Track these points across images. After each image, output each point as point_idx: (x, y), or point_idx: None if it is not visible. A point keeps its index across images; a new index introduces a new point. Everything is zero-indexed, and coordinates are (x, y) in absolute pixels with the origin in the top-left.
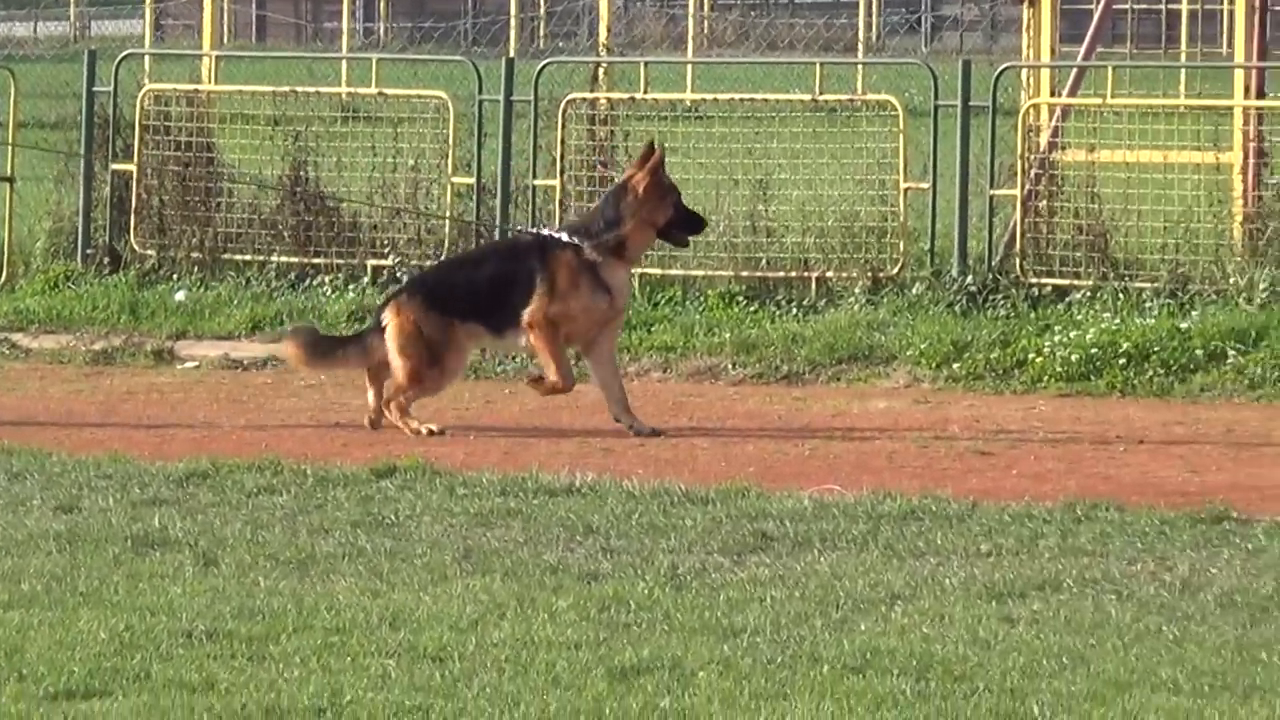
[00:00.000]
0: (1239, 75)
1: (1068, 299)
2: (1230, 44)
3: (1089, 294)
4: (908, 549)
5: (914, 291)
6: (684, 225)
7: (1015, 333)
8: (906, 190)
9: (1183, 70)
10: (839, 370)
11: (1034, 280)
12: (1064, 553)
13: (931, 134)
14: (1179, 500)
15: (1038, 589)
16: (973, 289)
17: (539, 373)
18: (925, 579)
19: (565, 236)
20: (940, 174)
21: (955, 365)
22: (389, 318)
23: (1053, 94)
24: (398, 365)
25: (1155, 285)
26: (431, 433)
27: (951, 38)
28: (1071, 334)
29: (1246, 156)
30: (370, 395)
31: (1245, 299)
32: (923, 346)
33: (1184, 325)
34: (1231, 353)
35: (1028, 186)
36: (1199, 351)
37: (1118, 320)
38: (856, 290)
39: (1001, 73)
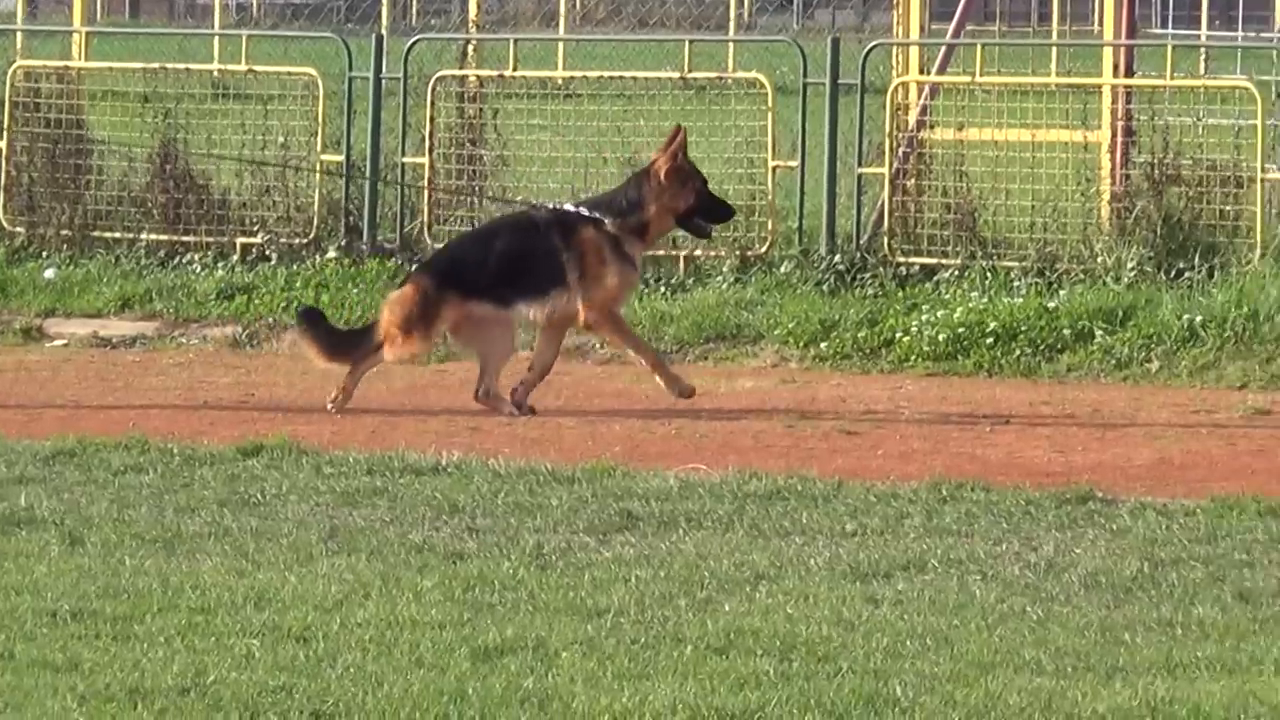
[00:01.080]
0: (1108, 54)
1: (935, 278)
2: (1101, 22)
3: (957, 273)
4: (773, 529)
5: (782, 270)
6: (707, 213)
7: (883, 312)
8: (775, 169)
9: (1053, 49)
10: (707, 349)
11: (902, 259)
12: (929, 533)
13: (800, 112)
14: (1045, 480)
15: (902, 569)
16: (841, 268)
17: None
18: (790, 559)
19: (586, 211)
20: (809, 152)
21: (823, 345)
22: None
23: (921, 72)
24: (384, 320)
25: (1023, 264)
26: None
27: (824, 15)
28: (939, 313)
29: (1115, 135)
30: (348, 382)
31: (1113, 278)
32: (790, 326)
33: (1051, 305)
34: (1099, 332)
35: (896, 165)
36: (1066, 331)
37: (985, 299)
38: (725, 269)
39: (870, 51)
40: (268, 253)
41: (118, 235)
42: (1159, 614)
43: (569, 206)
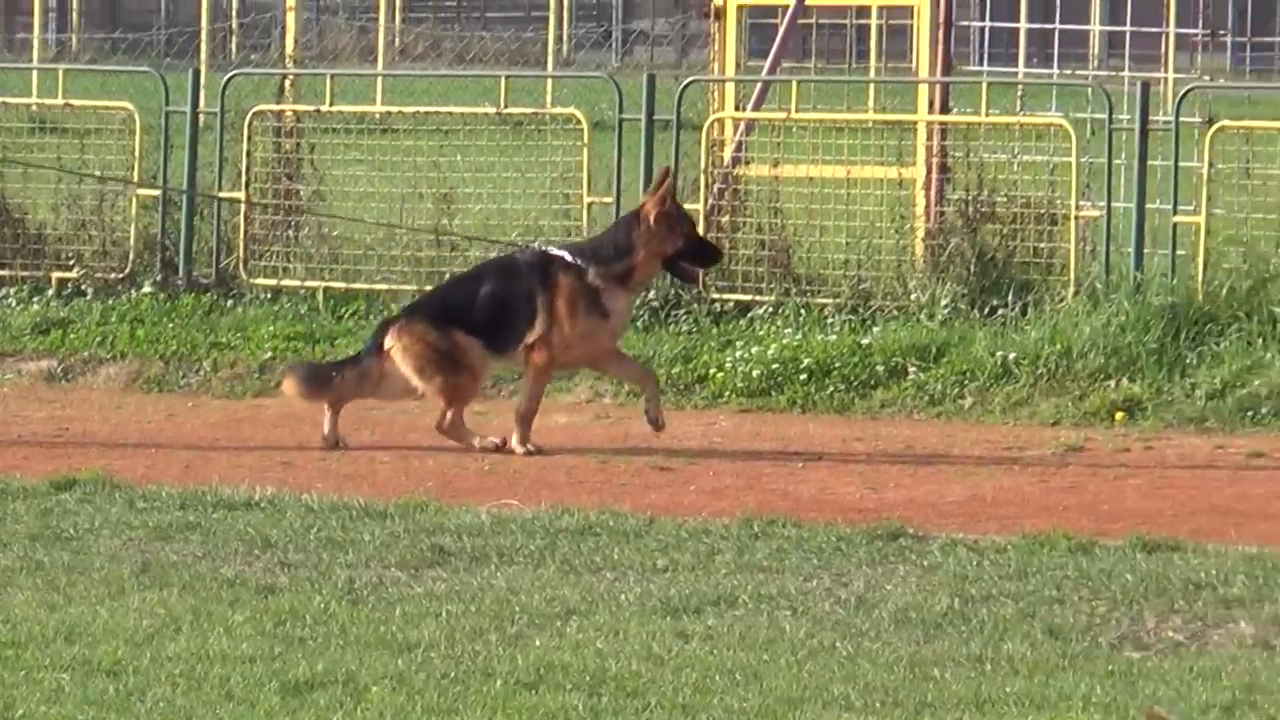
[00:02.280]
0: (924, 90)
1: (750, 314)
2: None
3: (771, 309)
4: (584, 564)
5: None
6: (695, 256)
7: (697, 348)
8: (590, 204)
9: (870, 85)
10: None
11: (716, 295)
12: (740, 568)
13: (616, 148)
14: (856, 516)
15: (713, 604)
16: (655, 304)
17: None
18: (601, 594)
19: (569, 257)
20: (625, 188)
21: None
22: (391, 341)
23: (737, 108)
24: (426, 386)
25: (837, 301)
26: (497, 447)
27: (642, 52)
28: (753, 350)
29: (930, 172)
30: (326, 422)
31: (927, 315)
32: None
33: (865, 341)
34: (912, 369)
35: (711, 201)
36: (880, 367)
37: (799, 336)
38: None
39: (686, 87)
40: (83, 287)
41: None
42: (968, 650)
43: (554, 250)
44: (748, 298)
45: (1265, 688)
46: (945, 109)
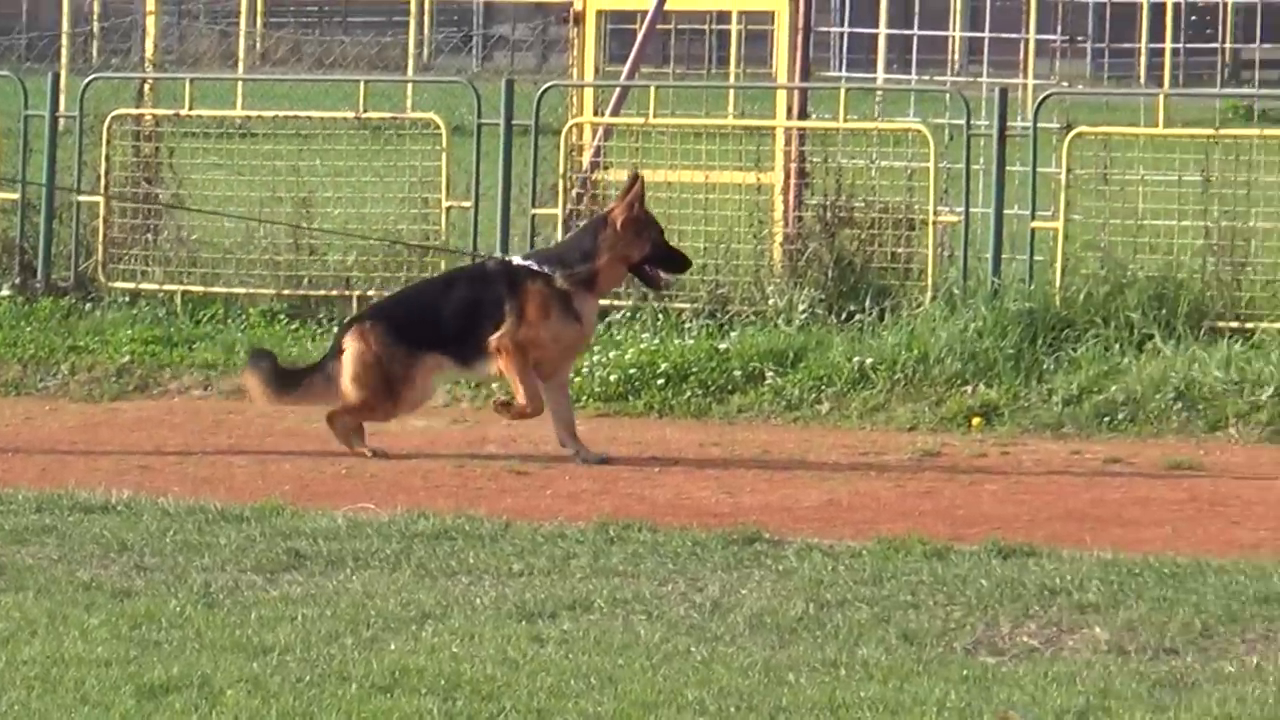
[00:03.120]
0: (782, 96)
1: (607, 319)
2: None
3: (629, 314)
4: (440, 568)
5: None
6: (663, 262)
7: None
8: (449, 209)
9: (730, 91)
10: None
11: None
12: (596, 573)
13: (475, 153)
14: (712, 521)
15: (568, 609)
16: None
17: (506, 398)
18: (456, 598)
19: (535, 265)
20: (483, 193)
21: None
22: (350, 343)
23: (596, 113)
24: (349, 390)
25: (695, 306)
26: (375, 454)
27: (503, 57)
28: (610, 354)
29: (788, 177)
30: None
31: (784, 320)
32: None
33: (723, 346)
34: (769, 374)
35: (570, 205)
36: (737, 372)
37: (657, 341)
38: None
39: (545, 92)
40: None
41: None
42: (823, 654)
43: (518, 260)
44: (605, 302)
45: (1119, 693)
46: (804, 114)
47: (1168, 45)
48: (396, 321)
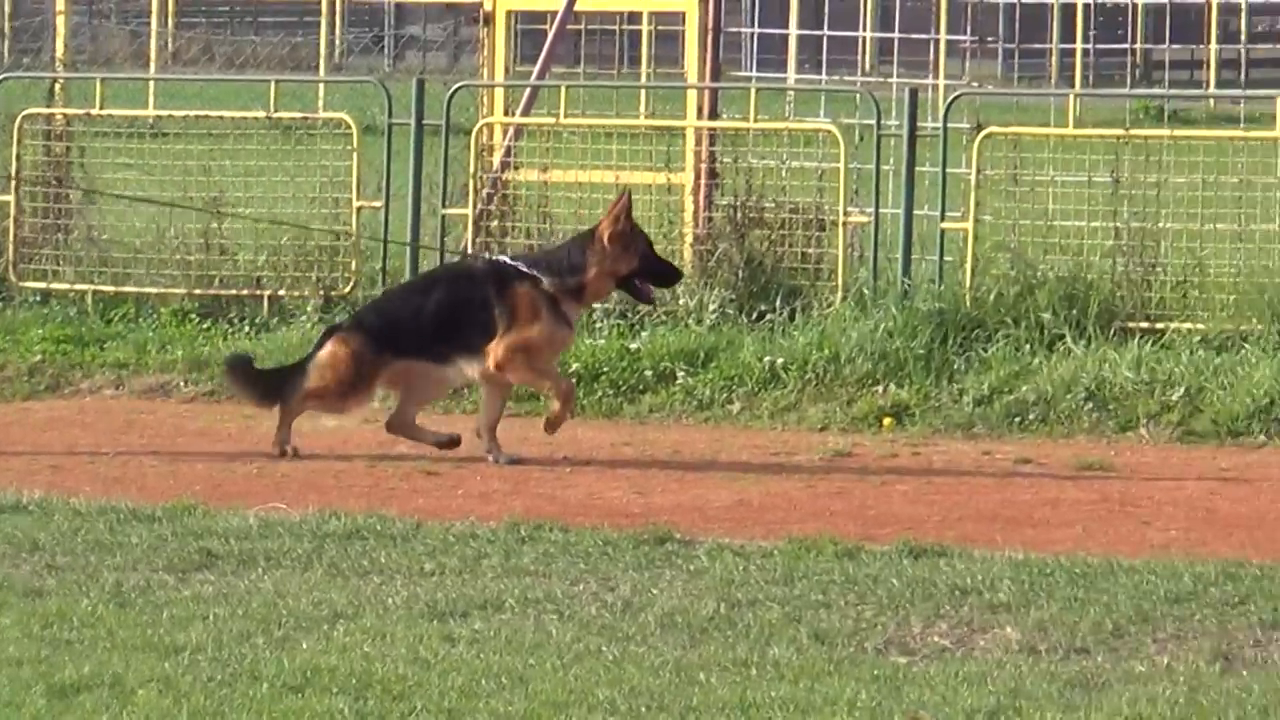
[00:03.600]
0: (692, 96)
1: None
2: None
3: None
4: (352, 568)
5: None
6: (651, 276)
7: None
8: (360, 209)
9: (641, 91)
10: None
11: None
12: (507, 572)
13: (385, 153)
14: (624, 521)
15: (480, 608)
16: None
17: (548, 415)
18: (368, 597)
19: (523, 266)
20: (394, 193)
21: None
22: (331, 348)
23: (507, 113)
24: (310, 378)
25: (606, 306)
26: (294, 452)
27: (415, 57)
28: None
29: (698, 177)
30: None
31: (695, 320)
32: None
33: (634, 346)
34: (680, 373)
35: (480, 206)
36: (648, 372)
37: None
38: (309, 309)
39: (455, 92)
40: None
41: None
42: (735, 654)
43: (505, 259)
44: None
45: (1030, 693)
46: (714, 114)
47: (1078, 46)
48: (375, 330)
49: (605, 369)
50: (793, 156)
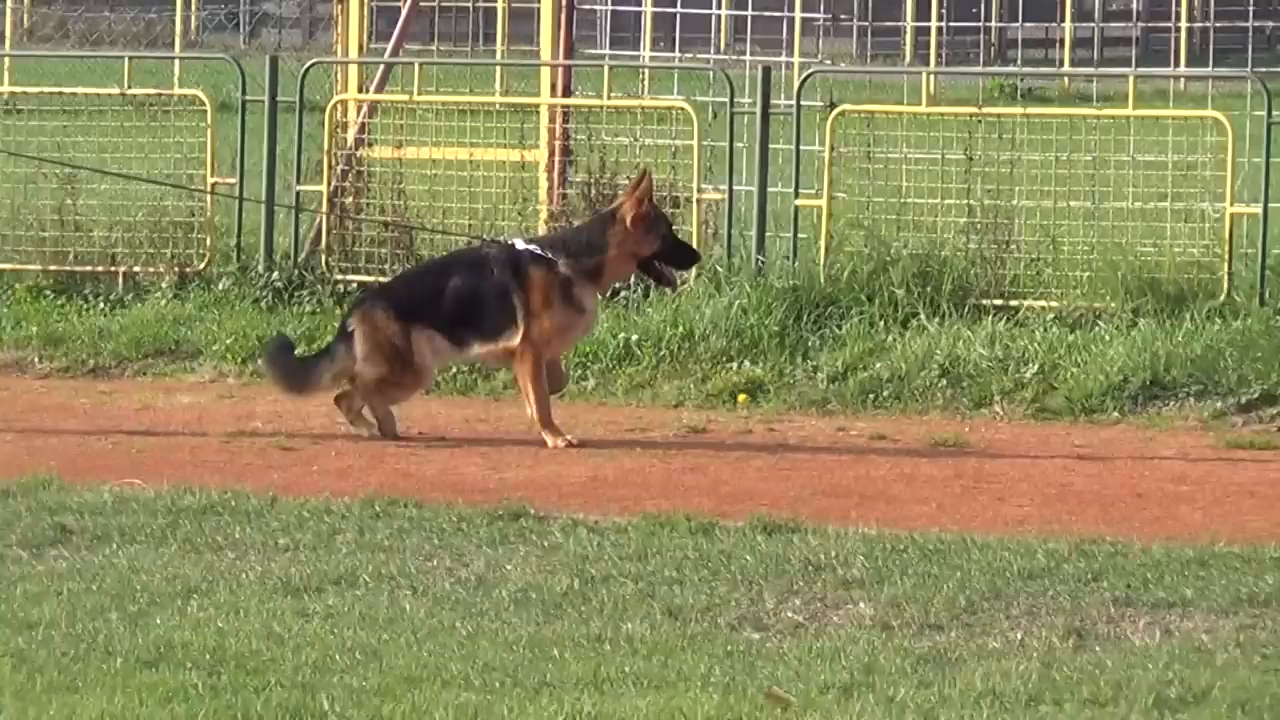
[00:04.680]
0: (546, 74)
1: None
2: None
3: None
4: (206, 543)
5: (220, 287)
6: (672, 259)
7: (321, 329)
8: (214, 185)
9: (497, 68)
10: (145, 365)
11: (340, 277)
12: (361, 548)
13: (240, 130)
14: (478, 497)
15: (334, 584)
16: (279, 285)
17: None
18: (223, 573)
19: (539, 250)
20: (249, 170)
21: (261, 361)
22: (355, 324)
23: (361, 90)
24: (366, 372)
25: None
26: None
27: (270, 34)
28: None
29: (552, 155)
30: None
31: None
32: (229, 342)
33: None
34: None
35: (334, 183)
36: None
37: None
38: (164, 285)
39: (309, 69)
40: None
41: None
42: (588, 630)
43: (520, 244)
44: (371, 279)
45: (883, 668)
46: (568, 92)
47: (933, 24)
48: (398, 302)
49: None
50: (647, 134)
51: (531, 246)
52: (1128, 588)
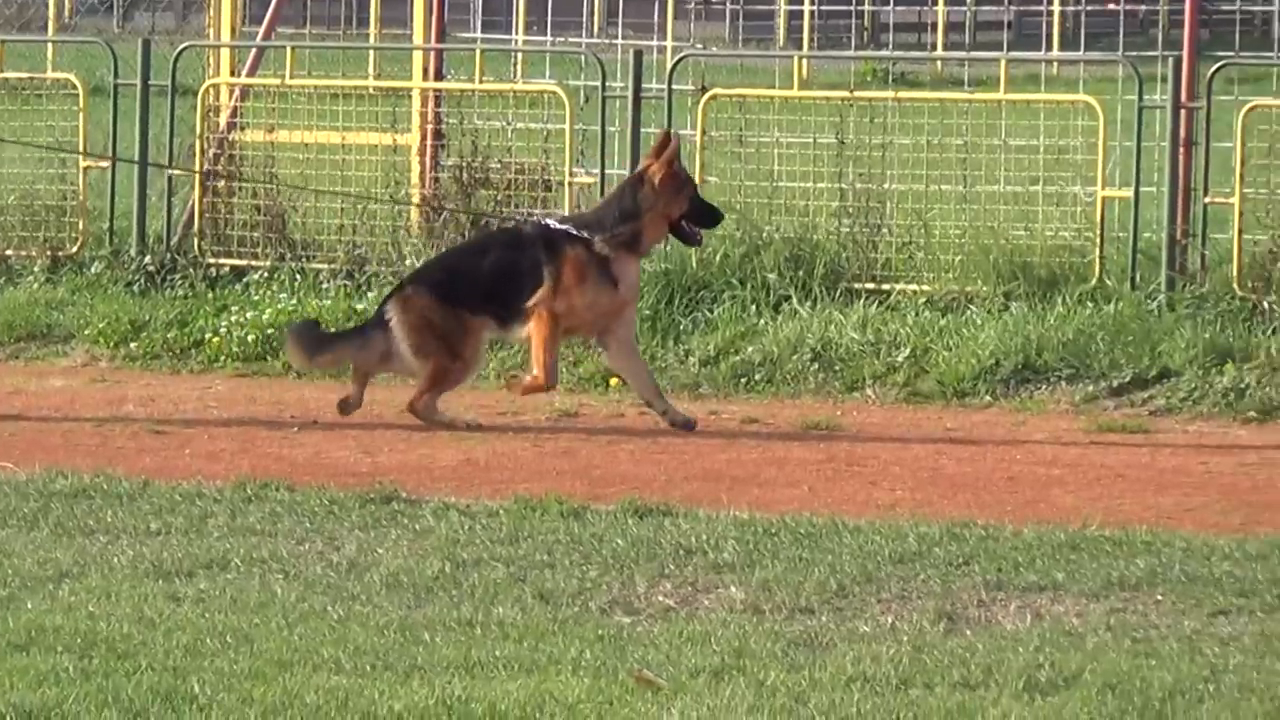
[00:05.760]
0: (418, 57)
1: (245, 279)
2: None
3: (266, 275)
4: (78, 527)
5: (93, 271)
6: (699, 218)
7: (193, 313)
8: (87, 169)
9: (370, 52)
10: (17, 349)
11: (212, 261)
12: (233, 532)
13: (112, 113)
14: (350, 481)
15: (205, 568)
16: (151, 269)
17: (516, 374)
18: (94, 557)
19: (574, 229)
20: (121, 153)
21: (133, 345)
22: (394, 313)
23: (234, 74)
24: (417, 366)
25: (333, 266)
26: (469, 425)
27: (144, 17)
28: (249, 314)
29: (424, 138)
30: (353, 386)
31: None
32: (101, 326)
33: (360, 306)
34: None
35: (207, 166)
36: None
37: (294, 301)
38: (36, 269)
39: (181, 52)
40: None
41: None
42: (459, 614)
43: (553, 223)
44: (243, 262)
45: (754, 652)
46: (440, 76)
47: (806, 8)
48: (438, 286)
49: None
50: (519, 118)
51: (566, 226)
52: (999, 571)
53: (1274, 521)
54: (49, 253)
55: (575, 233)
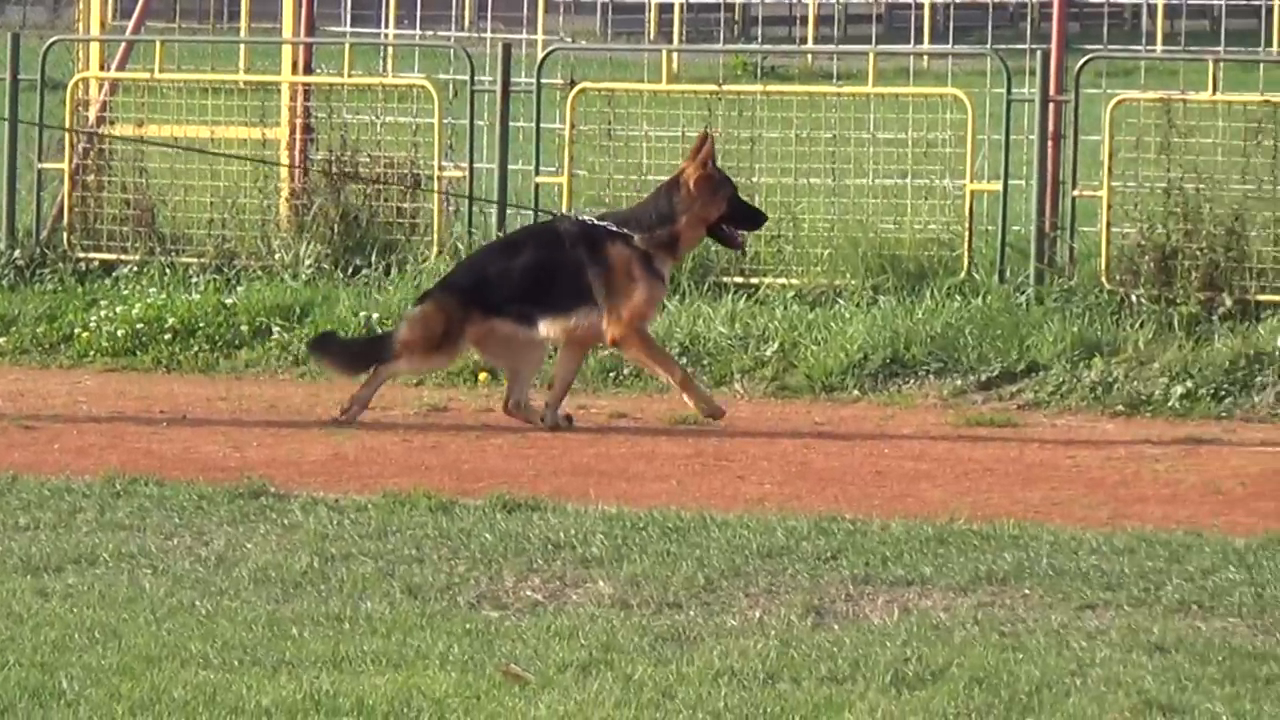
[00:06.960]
0: (288, 51)
1: (115, 274)
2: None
3: (136, 269)
4: None
5: None
6: (739, 221)
7: (62, 307)
8: None
9: (240, 46)
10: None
11: (82, 255)
12: (101, 527)
13: None
14: (219, 475)
15: (74, 563)
16: (20, 263)
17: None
18: None
19: (614, 226)
20: None
21: (1, 339)
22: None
23: (103, 68)
24: (400, 331)
25: (202, 261)
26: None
27: (15, 12)
28: (118, 309)
29: (294, 132)
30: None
31: (291, 275)
32: None
33: (230, 301)
34: (276, 329)
35: (76, 161)
36: (244, 327)
37: (164, 296)
38: None
39: (50, 46)
40: None
41: None
42: (328, 608)
43: (589, 219)
44: (112, 257)
45: (622, 646)
46: (309, 70)
47: (676, 1)
48: (467, 291)
49: (201, 324)
50: (388, 112)
51: (606, 223)
52: (866, 565)
53: (1141, 515)
54: None
55: (615, 229)
